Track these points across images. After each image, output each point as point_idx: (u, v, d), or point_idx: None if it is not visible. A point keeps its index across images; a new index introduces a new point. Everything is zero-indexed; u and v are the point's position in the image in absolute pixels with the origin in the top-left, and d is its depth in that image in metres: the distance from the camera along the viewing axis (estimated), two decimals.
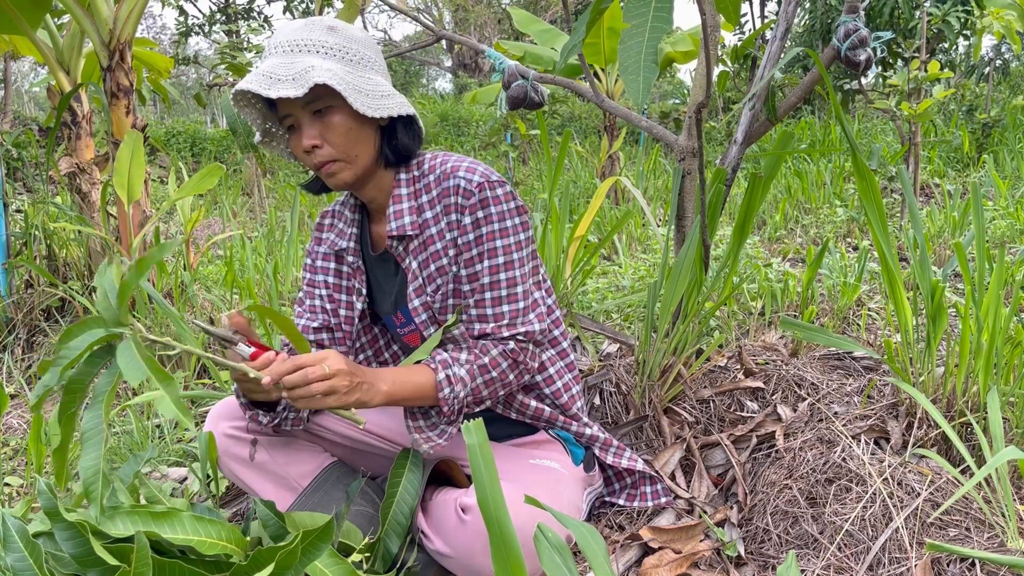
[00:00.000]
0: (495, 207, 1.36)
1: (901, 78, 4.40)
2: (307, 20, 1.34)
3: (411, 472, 1.36)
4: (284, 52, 1.30)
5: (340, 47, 1.33)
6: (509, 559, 0.80)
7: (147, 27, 24.58)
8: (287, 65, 1.27)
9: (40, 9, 3.09)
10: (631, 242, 4.44)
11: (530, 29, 6.67)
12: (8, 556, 1.05)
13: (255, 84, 1.25)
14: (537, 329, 1.39)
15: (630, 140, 9.82)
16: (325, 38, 1.32)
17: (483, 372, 1.35)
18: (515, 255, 1.38)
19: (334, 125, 1.33)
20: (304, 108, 1.32)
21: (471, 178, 1.37)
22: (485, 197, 1.36)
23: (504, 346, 1.37)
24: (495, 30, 20.69)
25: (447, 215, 1.39)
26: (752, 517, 1.49)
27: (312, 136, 1.33)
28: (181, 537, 1.13)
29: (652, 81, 1.19)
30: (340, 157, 1.35)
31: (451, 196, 1.38)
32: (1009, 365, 1.55)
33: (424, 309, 1.43)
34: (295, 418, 1.47)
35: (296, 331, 1.24)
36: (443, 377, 1.32)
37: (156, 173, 9.55)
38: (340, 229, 1.54)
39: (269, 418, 1.43)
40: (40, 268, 3.00)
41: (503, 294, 1.37)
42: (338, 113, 1.33)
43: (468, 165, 1.39)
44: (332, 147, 1.34)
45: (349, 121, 1.34)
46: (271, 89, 1.24)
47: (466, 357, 1.35)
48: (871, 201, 1.52)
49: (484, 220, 1.36)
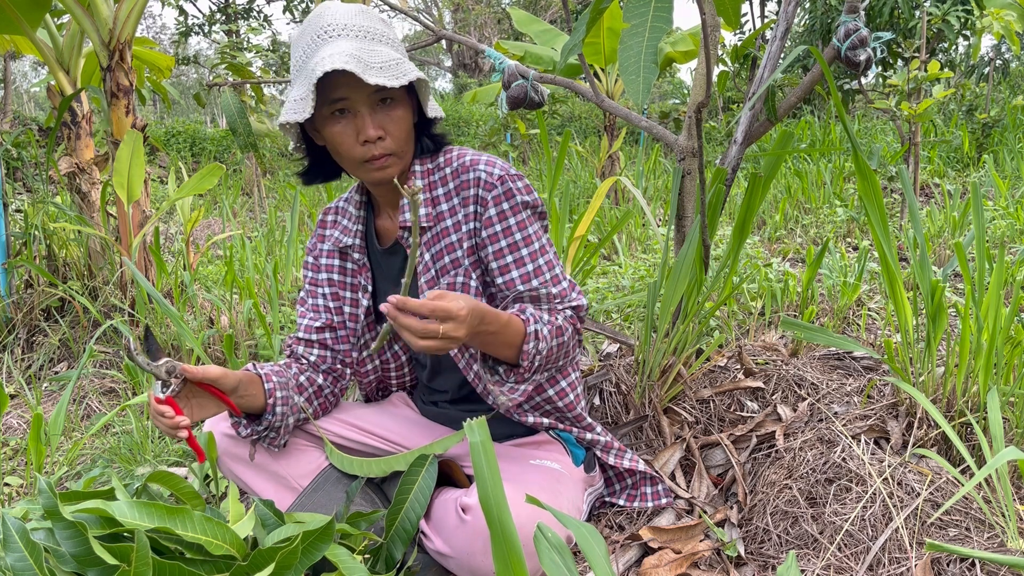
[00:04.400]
0: (520, 197, 1.38)
1: (901, 78, 4.40)
2: (357, 7, 1.32)
3: (424, 480, 1.36)
4: (357, 37, 1.29)
5: (396, 41, 1.34)
6: (510, 558, 0.80)
7: (147, 27, 24.58)
8: (369, 51, 1.26)
9: (40, 9, 3.09)
10: (631, 242, 4.44)
11: (530, 29, 6.68)
12: (8, 556, 1.05)
13: (352, 65, 1.20)
14: (584, 303, 1.42)
15: (630, 140, 9.82)
16: (384, 30, 1.33)
17: (558, 334, 1.35)
18: (545, 241, 1.41)
19: (398, 119, 1.33)
20: (370, 96, 1.30)
21: (492, 171, 1.38)
22: (509, 188, 1.37)
23: (566, 315, 1.39)
24: (495, 30, 20.69)
25: (464, 207, 1.39)
26: (752, 517, 1.49)
27: (378, 126, 1.31)
28: (191, 535, 1.14)
29: (652, 81, 1.19)
30: (396, 151, 1.35)
31: (471, 188, 1.38)
32: (1009, 365, 1.55)
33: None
34: (273, 438, 1.46)
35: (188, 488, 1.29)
36: (532, 331, 1.29)
37: (156, 173, 9.56)
38: (344, 226, 1.53)
39: (248, 432, 1.43)
40: (40, 268, 3.00)
41: (547, 277, 1.39)
42: (400, 108, 1.33)
43: (487, 159, 1.41)
44: (393, 140, 1.33)
45: (409, 116, 1.35)
46: (367, 74, 1.22)
47: (547, 317, 1.35)
48: (872, 201, 1.52)
49: (511, 211, 1.37)
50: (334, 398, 1.59)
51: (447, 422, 1.59)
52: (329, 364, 1.55)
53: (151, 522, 1.12)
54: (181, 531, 1.13)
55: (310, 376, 1.53)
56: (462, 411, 1.58)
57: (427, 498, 1.33)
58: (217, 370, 1.29)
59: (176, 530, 1.13)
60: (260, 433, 1.44)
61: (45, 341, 2.91)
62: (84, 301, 2.84)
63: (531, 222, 1.39)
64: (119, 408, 2.04)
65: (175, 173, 5.32)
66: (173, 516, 1.14)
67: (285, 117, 1.28)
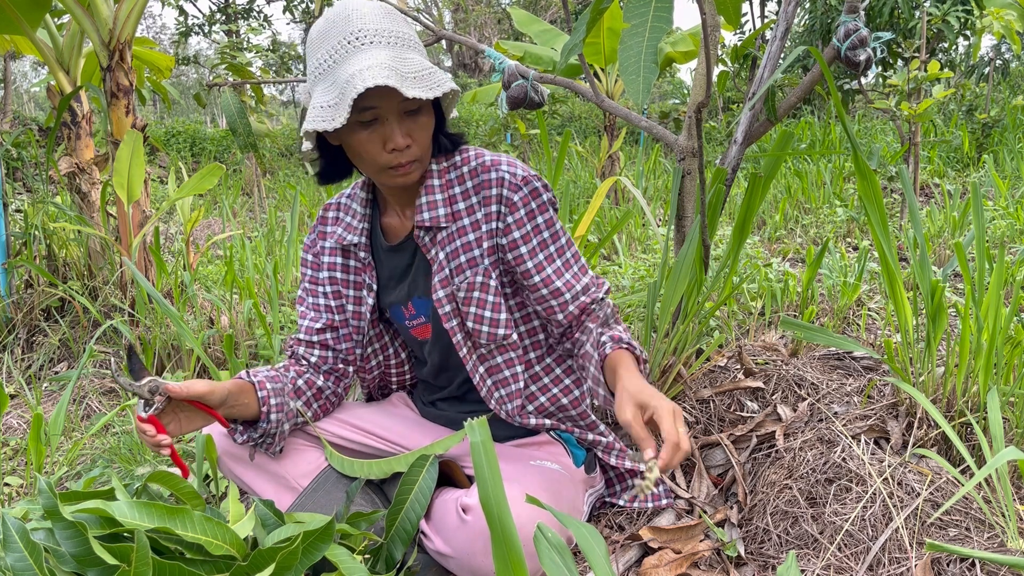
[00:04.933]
0: (544, 196, 1.41)
1: (901, 78, 4.40)
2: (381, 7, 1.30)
3: (425, 481, 1.36)
4: (388, 44, 1.26)
5: (420, 43, 1.34)
6: (510, 558, 0.80)
7: (147, 27, 24.58)
8: (402, 60, 1.24)
9: (40, 9, 3.09)
10: (631, 242, 4.44)
11: (530, 29, 6.67)
12: (8, 556, 1.05)
13: (392, 79, 1.18)
14: (608, 286, 1.48)
15: (630, 140, 9.82)
16: (411, 33, 1.32)
17: (626, 331, 1.43)
18: (568, 236, 1.46)
19: (423, 126, 1.32)
20: (399, 105, 1.27)
21: (515, 172, 1.39)
22: (534, 188, 1.39)
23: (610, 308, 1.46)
24: (495, 30, 20.69)
25: (485, 207, 1.39)
26: (752, 517, 1.49)
27: (406, 135, 1.30)
28: (191, 535, 1.14)
29: (652, 81, 1.19)
30: (420, 157, 1.34)
31: (492, 188, 1.38)
32: (1009, 365, 1.55)
33: (448, 300, 1.42)
34: (269, 444, 1.47)
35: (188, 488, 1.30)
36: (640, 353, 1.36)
37: (156, 173, 9.55)
38: (348, 223, 1.51)
39: (244, 439, 1.44)
40: (40, 268, 3.00)
41: (576, 270, 1.44)
42: (426, 114, 1.32)
43: (508, 159, 1.41)
44: (418, 147, 1.32)
45: (432, 121, 1.35)
46: (404, 87, 1.19)
47: (618, 327, 1.43)
48: (872, 201, 1.52)
49: (539, 210, 1.40)
50: (336, 398, 1.59)
51: (447, 423, 1.59)
52: (331, 364, 1.55)
53: (151, 522, 1.12)
54: (181, 531, 1.13)
55: (309, 379, 1.53)
56: (461, 412, 1.58)
57: (427, 498, 1.33)
58: (202, 385, 1.28)
59: (176, 530, 1.13)
60: (256, 440, 1.44)
61: (45, 341, 2.91)
62: (84, 301, 2.84)
63: (556, 219, 1.43)
64: (119, 408, 2.04)
65: (175, 173, 5.32)
66: (173, 516, 1.14)
67: (314, 125, 1.23)
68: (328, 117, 1.21)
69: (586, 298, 1.43)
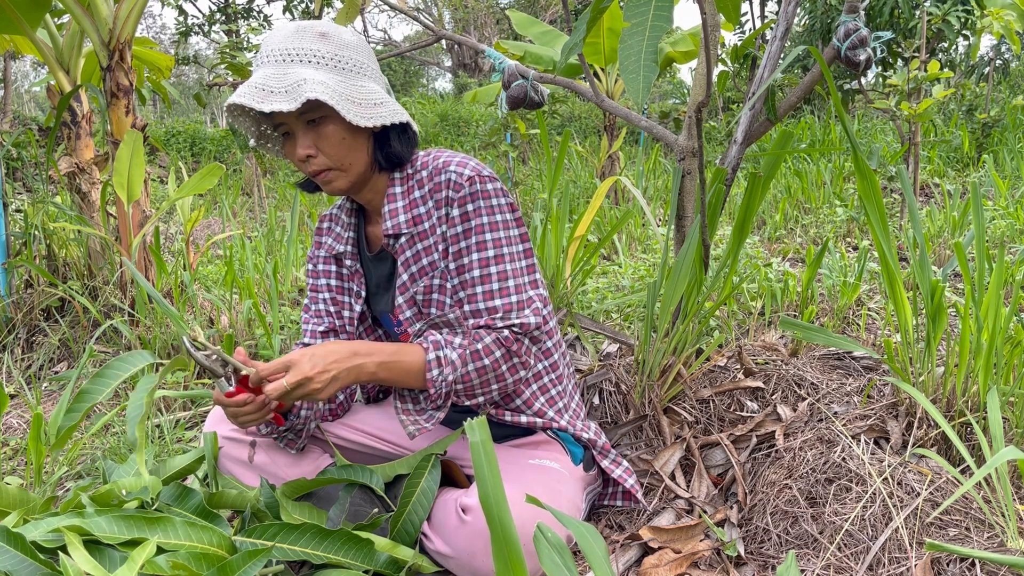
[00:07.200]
0: (484, 200, 1.36)
1: (901, 78, 4.40)
2: (298, 26, 1.33)
3: (427, 483, 1.36)
4: (276, 62, 1.30)
5: (332, 55, 1.32)
6: (510, 558, 0.80)
7: (147, 27, 24.58)
8: (279, 76, 1.27)
9: (40, 9, 3.09)
10: (631, 242, 4.44)
11: (529, 31, 6.67)
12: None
13: (248, 98, 1.25)
14: (532, 323, 1.36)
15: (630, 140, 9.82)
16: (317, 46, 1.31)
17: (475, 358, 1.33)
18: (506, 249, 1.37)
19: (328, 135, 1.33)
20: (298, 118, 1.32)
21: (462, 172, 1.37)
22: (476, 190, 1.36)
23: (499, 334, 1.34)
24: (495, 30, 20.68)
25: (439, 209, 1.39)
26: (752, 517, 1.49)
27: (306, 146, 1.33)
28: (174, 542, 1.14)
29: (652, 81, 1.19)
30: (335, 166, 1.36)
31: (443, 190, 1.38)
32: (1009, 365, 1.55)
33: (408, 305, 1.43)
34: (292, 440, 1.48)
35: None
36: (433, 358, 1.32)
37: (156, 173, 9.55)
38: (337, 233, 1.55)
39: (268, 430, 1.46)
40: (40, 268, 3.00)
41: (495, 288, 1.35)
42: (331, 123, 1.32)
43: (460, 160, 1.40)
44: (326, 156, 1.34)
45: (342, 131, 1.33)
46: (264, 103, 1.24)
47: (460, 341, 1.35)
48: (872, 201, 1.52)
49: (474, 213, 1.36)
50: (347, 403, 1.63)
51: (445, 423, 1.60)
52: None
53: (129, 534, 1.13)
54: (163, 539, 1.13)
55: None
56: (459, 413, 1.58)
57: (431, 500, 1.34)
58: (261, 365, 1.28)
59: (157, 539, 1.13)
60: (281, 433, 1.46)
61: (45, 341, 2.91)
62: (84, 301, 2.84)
63: (496, 228, 1.36)
64: (119, 408, 2.04)
65: (175, 173, 5.32)
66: (153, 525, 1.14)
67: (251, 143, 1.40)
68: (252, 137, 1.39)
69: (482, 320, 1.35)
